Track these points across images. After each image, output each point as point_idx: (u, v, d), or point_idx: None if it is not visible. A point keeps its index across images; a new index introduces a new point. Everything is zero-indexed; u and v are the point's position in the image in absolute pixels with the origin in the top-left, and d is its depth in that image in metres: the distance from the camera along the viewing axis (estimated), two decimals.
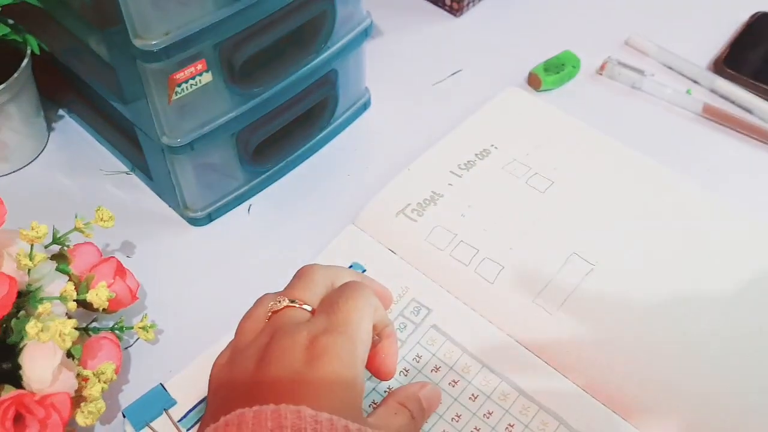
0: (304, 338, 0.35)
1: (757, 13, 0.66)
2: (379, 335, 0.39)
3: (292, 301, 0.37)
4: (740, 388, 0.44)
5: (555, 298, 0.48)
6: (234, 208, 0.55)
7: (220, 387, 0.36)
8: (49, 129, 0.60)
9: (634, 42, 0.65)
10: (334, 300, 0.37)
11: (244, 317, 0.39)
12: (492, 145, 0.57)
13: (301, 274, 0.40)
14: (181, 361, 0.45)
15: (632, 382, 0.44)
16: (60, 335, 0.39)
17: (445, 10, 0.69)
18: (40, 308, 0.40)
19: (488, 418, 0.43)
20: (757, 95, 0.60)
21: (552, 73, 0.61)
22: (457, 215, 0.52)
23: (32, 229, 0.41)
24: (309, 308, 0.38)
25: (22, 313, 0.41)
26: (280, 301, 0.38)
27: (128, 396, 0.45)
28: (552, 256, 0.50)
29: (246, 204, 0.55)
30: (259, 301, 0.39)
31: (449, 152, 0.56)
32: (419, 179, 0.54)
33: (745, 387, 0.44)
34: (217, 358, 0.38)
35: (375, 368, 0.39)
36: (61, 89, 0.60)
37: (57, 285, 0.43)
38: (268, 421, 0.30)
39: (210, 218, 0.54)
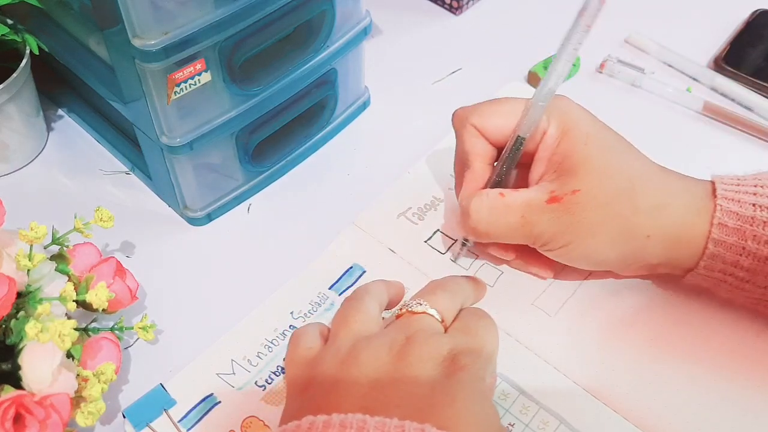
0: (445, 351, 0.36)
1: (757, 10, 0.66)
2: None
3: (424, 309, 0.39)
4: (740, 387, 0.44)
5: (554, 300, 0.48)
6: (233, 207, 0.54)
7: (323, 367, 0.36)
8: (49, 129, 0.60)
9: (634, 40, 0.65)
10: (471, 324, 0.39)
11: (354, 304, 0.39)
12: None
13: (445, 286, 0.41)
14: (181, 361, 0.45)
15: (633, 381, 0.44)
16: (59, 336, 0.38)
17: (445, 8, 0.69)
18: (40, 309, 0.40)
19: None
20: (757, 93, 0.60)
21: None
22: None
23: (31, 229, 0.41)
24: (439, 318, 0.39)
25: (21, 313, 0.41)
26: (421, 304, 0.39)
27: (128, 396, 0.44)
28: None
29: (245, 203, 0.55)
30: (367, 293, 0.40)
31: (450, 155, 0.56)
32: (420, 183, 0.54)
33: (745, 387, 0.44)
34: (305, 337, 0.38)
35: None
36: (60, 89, 0.60)
37: (56, 285, 0.43)
38: None
39: (209, 218, 0.54)
